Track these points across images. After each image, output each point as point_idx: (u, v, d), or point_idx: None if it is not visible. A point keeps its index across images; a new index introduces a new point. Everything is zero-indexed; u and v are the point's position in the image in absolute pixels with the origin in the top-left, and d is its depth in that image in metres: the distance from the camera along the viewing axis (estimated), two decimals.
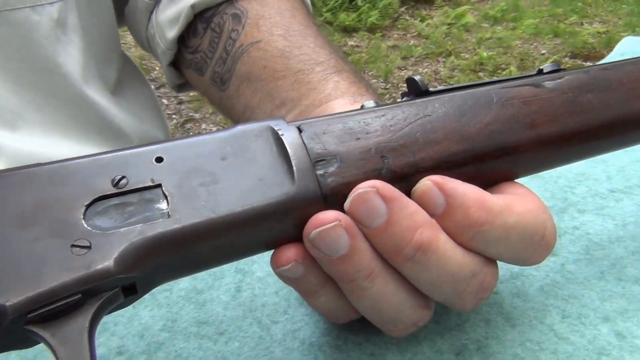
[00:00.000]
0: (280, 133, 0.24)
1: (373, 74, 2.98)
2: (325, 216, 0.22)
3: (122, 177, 0.22)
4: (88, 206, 0.21)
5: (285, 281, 0.25)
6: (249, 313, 0.32)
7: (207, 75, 0.45)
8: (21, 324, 0.18)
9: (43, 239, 0.20)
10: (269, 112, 0.40)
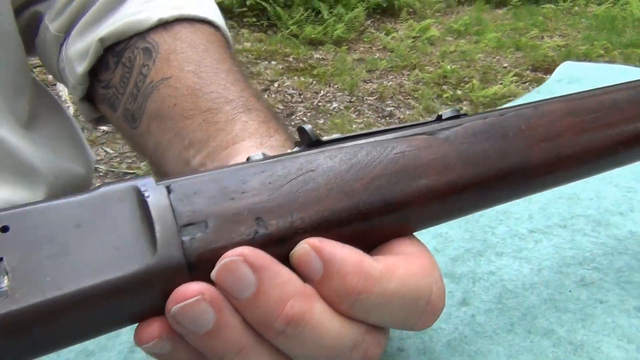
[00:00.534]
0: (145, 195, 0.22)
1: (338, 87, 2.99)
2: (187, 289, 0.20)
3: None
4: None
5: (154, 357, 0.23)
6: None
7: (120, 111, 0.43)
8: None
9: None
10: (179, 153, 0.38)
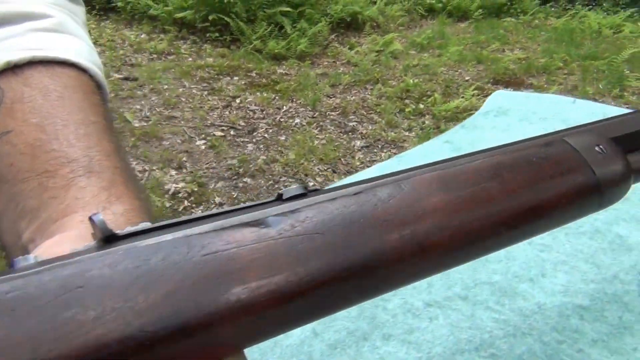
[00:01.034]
0: None
1: (301, 102, 2.95)
2: None
3: None
4: None
5: None
6: None
7: None
8: None
9: None
10: (13, 222, 0.32)
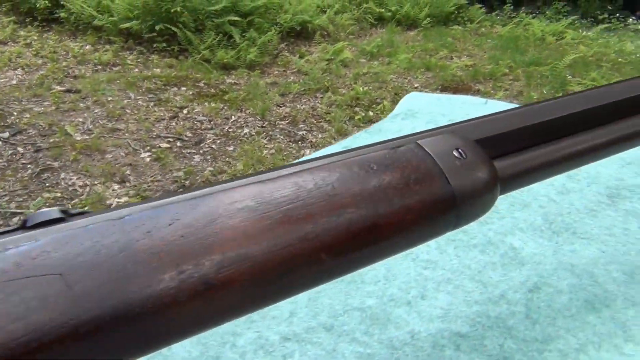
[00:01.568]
0: None
1: (250, 112, 2.89)
2: None
3: None
4: None
5: None
6: None
7: None
8: None
9: None
10: None
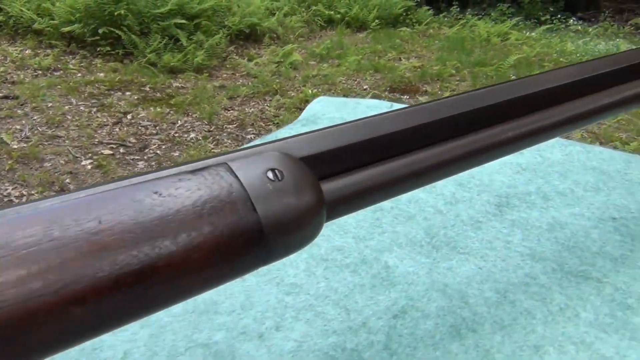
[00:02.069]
0: None
1: (197, 116, 2.85)
2: None
3: None
4: None
5: None
6: None
7: None
8: None
9: None
10: None
